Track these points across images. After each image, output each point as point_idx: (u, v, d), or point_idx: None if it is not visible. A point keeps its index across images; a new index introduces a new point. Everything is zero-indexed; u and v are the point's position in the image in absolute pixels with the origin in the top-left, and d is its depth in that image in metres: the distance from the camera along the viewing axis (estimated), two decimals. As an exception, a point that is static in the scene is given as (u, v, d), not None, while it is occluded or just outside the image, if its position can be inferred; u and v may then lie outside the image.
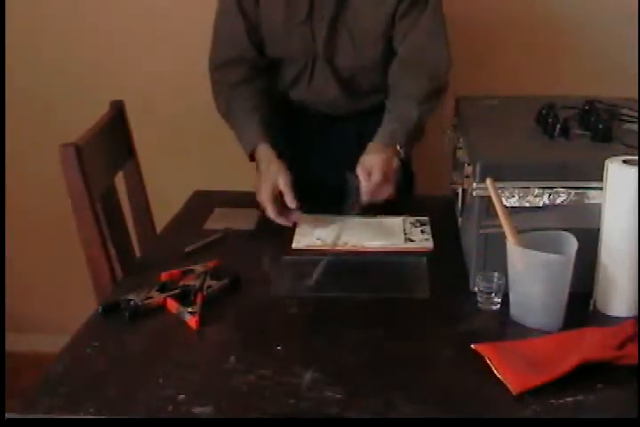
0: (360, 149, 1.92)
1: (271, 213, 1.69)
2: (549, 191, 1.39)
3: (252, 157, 1.80)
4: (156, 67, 2.40)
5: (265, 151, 1.76)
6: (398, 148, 1.74)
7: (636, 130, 1.54)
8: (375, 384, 1.18)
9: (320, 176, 1.89)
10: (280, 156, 1.75)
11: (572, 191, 1.39)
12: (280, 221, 1.70)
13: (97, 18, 2.38)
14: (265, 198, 1.69)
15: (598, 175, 1.34)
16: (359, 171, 1.68)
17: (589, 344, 1.23)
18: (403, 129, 1.76)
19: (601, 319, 1.36)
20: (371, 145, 1.74)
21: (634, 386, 1.16)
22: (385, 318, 1.39)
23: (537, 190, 1.39)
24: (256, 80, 1.86)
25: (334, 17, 1.79)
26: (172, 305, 1.39)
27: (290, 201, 1.68)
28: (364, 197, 1.68)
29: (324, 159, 1.96)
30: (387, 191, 1.70)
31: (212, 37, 1.88)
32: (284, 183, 1.68)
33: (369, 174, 1.67)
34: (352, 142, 1.97)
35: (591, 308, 1.39)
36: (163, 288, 1.44)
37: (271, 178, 1.69)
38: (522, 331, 1.33)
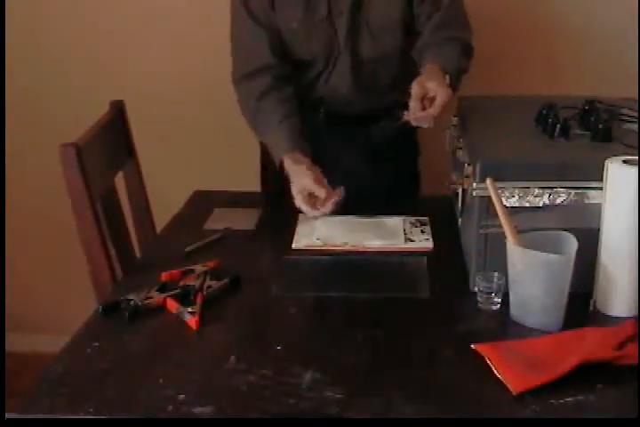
0: (371, 150, 1.92)
1: (308, 213, 1.65)
2: (549, 191, 1.39)
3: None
4: (156, 67, 2.40)
5: (289, 162, 1.71)
6: (448, 79, 1.67)
7: (636, 130, 1.54)
8: (375, 384, 1.18)
9: (330, 177, 1.89)
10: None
11: (572, 191, 1.39)
12: (317, 214, 1.64)
13: (97, 18, 2.37)
14: (298, 203, 1.64)
15: (598, 175, 1.34)
16: (417, 90, 1.58)
17: (589, 344, 1.23)
18: (447, 63, 1.72)
19: (601, 319, 1.36)
20: (428, 67, 1.68)
21: (634, 386, 1.16)
22: (385, 318, 1.39)
23: (537, 190, 1.39)
24: (281, 89, 1.81)
25: (352, 10, 1.79)
26: (172, 305, 1.39)
27: (322, 194, 1.62)
28: (413, 121, 1.62)
29: (334, 160, 1.96)
30: (430, 123, 1.62)
31: (232, 50, 1.85)
32: (310, 182, 1.63)
33: (426, 99, 1.59)
34: (363, 144, 1.97)
35: (591, 308, 1.39)
36: (163, 288, 1.44)
37: (298, 182, 1.65)
38: (522, 331, 1.33)
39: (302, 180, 1.65)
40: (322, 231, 1.71)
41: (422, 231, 1.72)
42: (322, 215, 1.65)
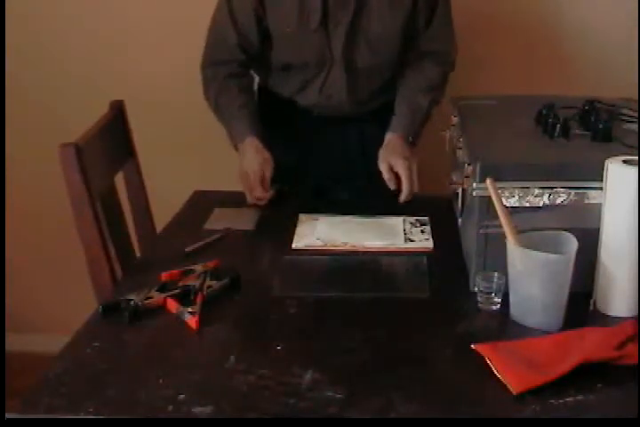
0: (362, 148, 1.93)
1: (256, 196, 1.76)
2: (549, 191, 1.39)
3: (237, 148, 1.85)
4: (156, 67, 2.40)
5: (253, 142, 1.80)
6: (410, 139, 1.83)
7: (636, 130, 1.54)
8: (375, 384, 1.18)
9: (322, 175, 1.89)
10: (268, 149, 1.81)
11: (572, 191, 1.39)
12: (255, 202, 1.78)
13: (97, 18, 2.37)
14: (256, 183, 1.74)
15: (598, 175, 1.34)
16: (387, 175, 1.74)
17: (589, 344, 1.23)
18: (415, 120, 1.86)
19: (601, 319, 1.36)
20: (389, 138, 1.82)
21: (634, 386, 1.16)
22: (385, 318, 1.39)
23: (537, 190, 1.39)
24: (243, 77, 1.90)
25: (352, 21, 1.79)
26: (172, 305, 1.39)
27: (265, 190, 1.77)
28: (405, 198, 1.74)
29: (325, 159, 1.96)
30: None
31: (207, 35, 1.90)
32: (269, 173, 1.76)
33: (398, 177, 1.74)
34: (354, 142, 1.97)
35: (591, 308, 1.39)
36: (163, 288, 1.44)
37: (259, 165, 1.76)
38: (522, 331, 1.33)
39: (265, 165, 1.76)
40: (322, 231, 1.71)
41: (422, 231, 1.72)
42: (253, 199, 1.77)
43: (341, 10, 1.77)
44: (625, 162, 1.33)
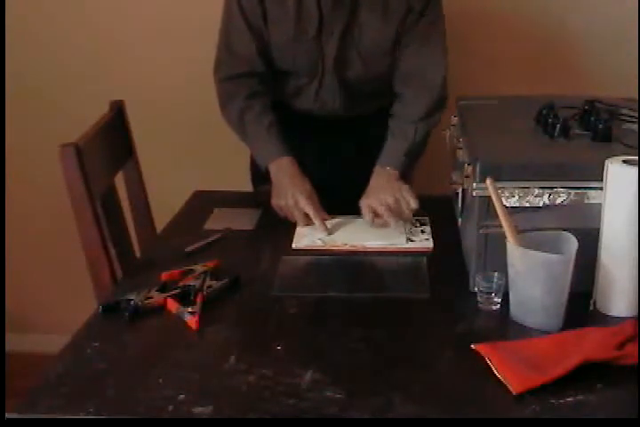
0: (358, 150, 1.93)
1: (324, 217, 1.73)
2: (549, 191, 1.39)
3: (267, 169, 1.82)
4: (156, 67, 2.40)
5: (291, 163, 1.79)
6: (395, 170, 1.80)
7: (636, 130, 1.54)
8: (375, 384, 1.18)
9: (317, 176, 1.89)
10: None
11: (572, 191, 1.39)
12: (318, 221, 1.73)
13: (97, 18, 2.38)
14: (318, 206, 1.73)
15: (598, 175, 1.34)
16: (364, 212, 1.74)
17: (589, 344, 1.23)
18: (400, 151, 1.82)
19: (601, 319, 1.36)
20: (375, 173, 1.80)
21: (634, 386, 1.16)
22: (385, 318, 1.39)
23: (537, 190, 1.39)
24: (265, 95, 1.87)
25: (344, 32, 1.79)
26: (172, 305, 1.39)
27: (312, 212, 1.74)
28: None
29: (322, 160, 1.97)
30: (406, 212, 1.73)
31: (222, 49, 1.86)
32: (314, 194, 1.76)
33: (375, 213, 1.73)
34: (350, 143, 1.98)
35: (591, 308, 1.39)
36: (163, 288, 1.44)
37: (309, 191, 1.75)
38: (522, 331, 1.33)
39: (307, 186, 1.75)
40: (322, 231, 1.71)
41: (422, 231, 1.72)
42: (320, 224, 1.71)
43: (335, 21, 1.78)
44: (625, 162, 1.33)
